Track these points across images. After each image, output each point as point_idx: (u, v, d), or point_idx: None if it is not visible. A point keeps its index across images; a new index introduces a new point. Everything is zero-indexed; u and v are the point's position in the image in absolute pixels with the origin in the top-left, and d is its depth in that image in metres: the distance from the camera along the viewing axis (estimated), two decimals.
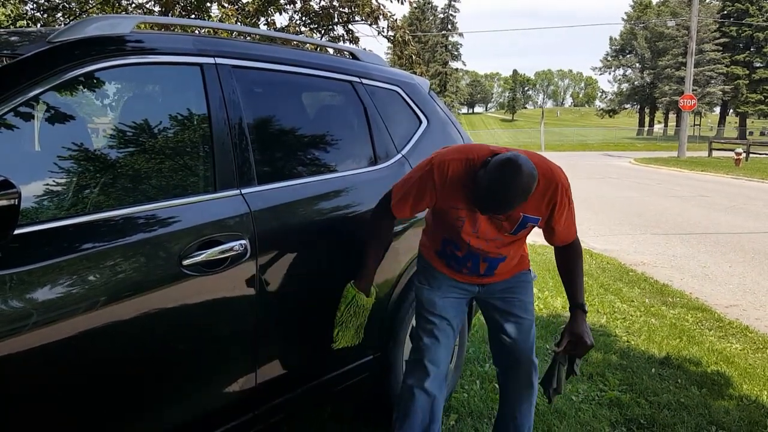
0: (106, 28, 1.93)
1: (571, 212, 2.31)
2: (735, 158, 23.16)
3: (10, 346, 1.51)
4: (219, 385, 2.07)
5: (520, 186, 1.99)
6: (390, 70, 3.14)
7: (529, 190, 2.02)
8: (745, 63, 54.73)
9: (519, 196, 2.00)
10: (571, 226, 2.35)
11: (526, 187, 2.00)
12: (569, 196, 2.27)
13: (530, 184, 2.01)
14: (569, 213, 2.29)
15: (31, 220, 1.67)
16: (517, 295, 2.48)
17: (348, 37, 7.63)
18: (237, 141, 2.16)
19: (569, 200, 2.27)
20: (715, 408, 3.29)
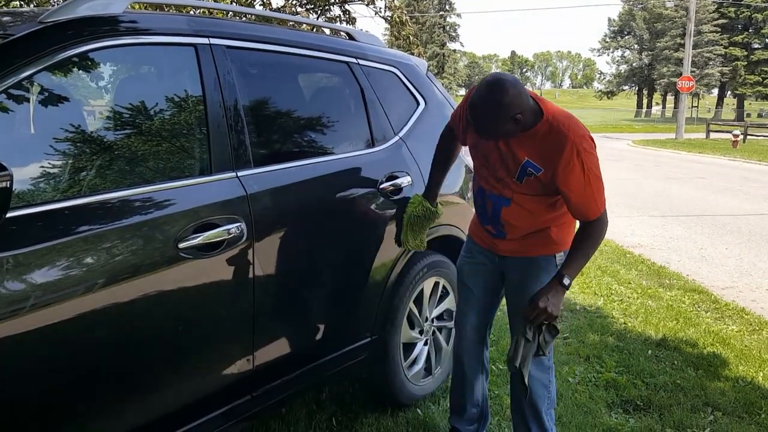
0: (98, 8, 1.90)
1: (588, 182, 2.12)
2: (732, 140, 23.14)
3: (6, 328, 1.51)
4: (216, 367, 2.07)
5: (484, 102, 2.03)
6: (387, 50, 3.11)
7: (500, 102, 2.01)
8: (743, 44, 54.45)
9: (491, 106, 2.02)
10: (590, 200, 2.16)
11: (489, 105, 2.03)
12: (586, 162, 2.10)
13: (493, 103, 2.02)
14: (586, 182, 2.12)
15: (27, 202, 1.65)
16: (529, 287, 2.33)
17: (345, 17, 7.56)
18: (232, 123, 2.14)
19: (585, 166, 2.11)
20: (711, 389, 3.31)
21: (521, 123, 2.09)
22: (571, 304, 4.75)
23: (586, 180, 2.13)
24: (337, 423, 2.87)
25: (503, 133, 2.11)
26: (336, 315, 2.56)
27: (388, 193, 2.66)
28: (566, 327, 4.21)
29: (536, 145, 2.15)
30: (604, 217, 2.23)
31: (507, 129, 2.09)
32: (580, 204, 2.19)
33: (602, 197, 2.19)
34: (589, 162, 2.12)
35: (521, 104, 2.06)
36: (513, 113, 2.04)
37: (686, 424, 2.95)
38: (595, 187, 2.15)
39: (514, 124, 2.08)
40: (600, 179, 2.17)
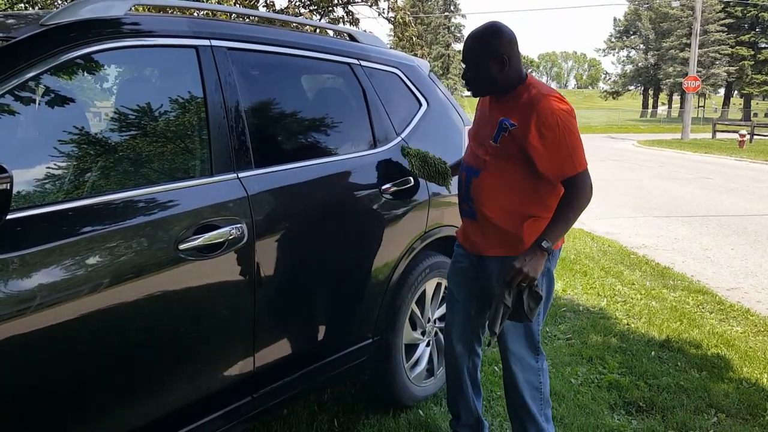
0: (100, 10, 1.91)
1: (563, 135, 2.13)
2: (739, 140, 23.04)
3: (11, 328, 1.52)
4: (217, 368, 2.07)
5: (479, 33, 2.23)
6: (389, 52, 3.11)
7: (492, 36, 2.20)
8: (750, 43, 54.22)
9: (484, 37, 2.21)
10: (567, 154, 2.15)
11: (483, 35, 2.21)
12: (561, 118, 2.13)
13: (486, 34, 2.21)
14: (561, 135, 2.13)
15: (31, 203, 1.66)
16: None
17: (348, 18, 7.56)
18: (233, 124, 2.14)
19: (560, 121, 2.13)
20: (715, 391, 3.29)
21: (504, 70, 2.20)
22: (574, 304, 4.74)
23: (561, 134, 2.14)
24: (338, 424, 2.87)
25: (484, 68, 2.21)
26: (338, 316, 2.56)
27: (389, 194, 2.66)
28: (569, 328, 4.21)
29: (515, 106, 2.21)
30: (587, 180, 2.20)
31: (490, 67, 2.20)
32: (555, 158, 2.15)
33: (580, 153, 2.18)
34: (564, 119, 2.14)
35: (511, 52, 2.20)
36: (500, 53, 2.18)
37: (689, 425, 2.94)
38: (571, 142, 2.15)
39: (498, 67, 2.19)
40: (577, 137, 2.17)
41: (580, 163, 2.18)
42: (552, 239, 2.17)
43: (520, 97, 2.22)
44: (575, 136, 2.17)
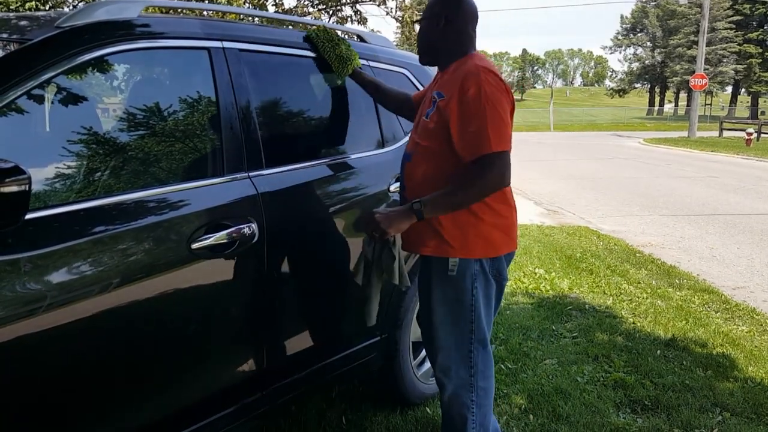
0: (114, 12, 1.93)
1: (483, 108, 1.97)
2: (746, 138, 22.97)
3: (24, 327, 1.54)
4: (228, 365, 2.11)
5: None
6: (397, 52, 3.13)
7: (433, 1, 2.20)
8: (758, 41, 53.97)
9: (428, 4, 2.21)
10: (482, 130, 1.96)
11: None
12: (485, 88, 1.98)
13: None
14: (480, 107, 1.97)
15: (44, 203, 1.69)
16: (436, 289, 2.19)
17: (356, 17, 7.59)
18: (245, 125, 2.17)
19: (483, 91, 1.98)
20: (720, 390, 3.31)
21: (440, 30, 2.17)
22: (580, 303, 4.75)
23: (481, 105, 1.97)
24: (347, 422, 2.90)
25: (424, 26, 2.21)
26: (346, 313, 2.59)
27: (398, 194, 2.68)
28: (575, 326, 4.23)
29: (450, 79, 2.12)
30: (497, 163, 1.97)
31: (429, 25, 2.19)
32: (468, 131, 1.99)
33: (500, 133, 1.97)
34: (490, 92, 1.98)
35: (454, 17, 2.16)
36: (441, 13, 2.16)
37: (694, 424, 2.95)
38: (491, 116, 1.96)
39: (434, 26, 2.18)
40: (500, 115, 1.99)
41: (497, 142, 1.96)
42: (426, 203, 2.02)
43: (456, 70, 2.10)
44: (498, 113, 1.98)
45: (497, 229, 2.13)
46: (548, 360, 3.65)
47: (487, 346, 2.22)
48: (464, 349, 2.19)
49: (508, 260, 2.24)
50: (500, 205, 2.12)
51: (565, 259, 6.04)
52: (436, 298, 2.19)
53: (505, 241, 2.17)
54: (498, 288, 2.22)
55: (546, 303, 4.74)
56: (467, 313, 2.16)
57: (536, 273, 5.60)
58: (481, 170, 1.98)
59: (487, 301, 2.18)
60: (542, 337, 4.04)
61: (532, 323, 4.28)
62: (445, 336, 2.20)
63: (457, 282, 2.13)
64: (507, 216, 2.17)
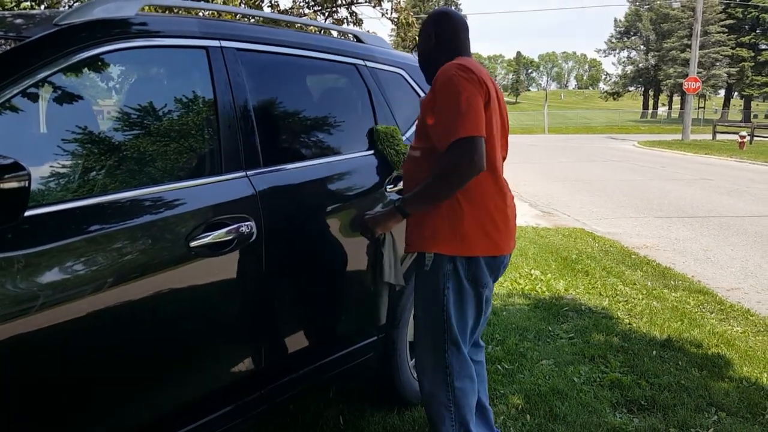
0: (111, 11, 1.93)
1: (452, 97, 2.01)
2: (739, 141, 23.07)
3: (20, 326, 1.53)
4: (226, 364, 2.10)
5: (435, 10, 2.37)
6: (394, 52, 3.14)
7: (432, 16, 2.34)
8: (750, 45, 54.32)
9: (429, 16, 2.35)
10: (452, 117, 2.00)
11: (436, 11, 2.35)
12: (451, 81, 2.03)
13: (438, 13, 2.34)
14: (450, 96, 2.02)
15: (41, 202, 1.69)
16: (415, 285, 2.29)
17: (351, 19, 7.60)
18: (243, 124, 2.17)
19: (449, 84, 2.03)
20: (715, 390, 3.32)
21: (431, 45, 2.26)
22: (576, 304, 4.76)
23: (449, 95, 2.02)
24: (344, 421, 2.89)
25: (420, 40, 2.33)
26: (344, 313, 2.59)
27: (395, 193, 2.69)
28: (572, 327, 4.23)
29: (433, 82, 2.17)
30: (465, 148, 1.97)
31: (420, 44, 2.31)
32: (440, 121, 2.04)
33: (467, 118, 1.98)
34: (457, 81, 2.02)
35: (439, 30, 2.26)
36: (428, 31, 2.28)
37: (690, 424, 2.96)
38: (458, 104, 1.99)
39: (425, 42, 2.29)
40: (467, 101, 2.00)
41: (464, 127, 1.97)
42: (408, 201, 2.14)
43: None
44: (465, 100, 1.99)
45: (476, 229, 2.11)
46: (545, 360, 3.65)
47: (460, 347, 2.22)
48: (438, 349, 2.21)
49: (492, 268, 2.19)
50: (485, 206, 2.12)
51: (561, 261, 6.05)
52: (416, 295, 2.28)
53: (483, 243, 2.13)
54: (475, 295, 2.19)
55: (542, 304, 4.74)
56: (439, 313, 2.18)
57: (532, 274, 5.61)
58: (451, 156, 2.00)
59: (460, 304, 2.18)
60: (539, 337, 4.05)
61: (529, 324, 4.28)
62: (421, 335, 2.27)
63: (430, 279, 2.18)
64: (492, 217, 2.14)
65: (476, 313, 2.24)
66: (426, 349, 2.26)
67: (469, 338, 2.29)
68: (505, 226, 2.18)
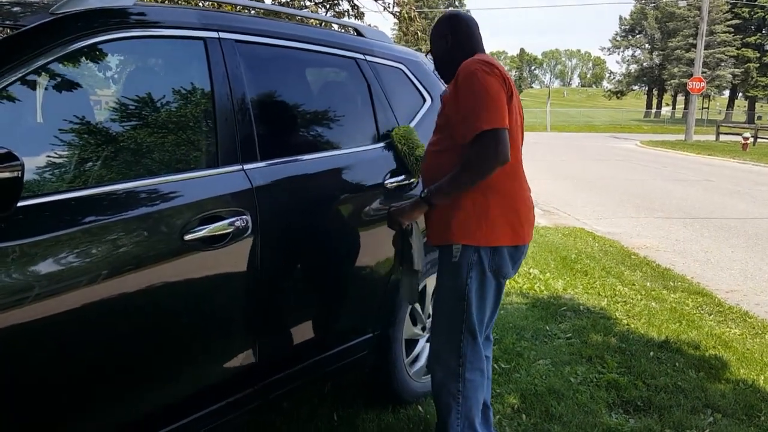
0: (109, 0, 1.91)
1: (473, 90, 2.08)
2: (742, 143, 23.00)
3: (13, 317, 1.52)
4: (220, 359, 2.09)
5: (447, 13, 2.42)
6: (394, 47, 3.12)
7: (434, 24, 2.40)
8: (756, 46, 54.08)
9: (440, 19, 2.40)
10: (473, 110, 2.07)
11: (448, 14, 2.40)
12: (474, 76, 2.09)
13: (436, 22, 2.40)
14: (471, 90, 2.09)
15: (35, 192, 1.67)
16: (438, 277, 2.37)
17: (353, 12, 7.56)
18: (240, 116, 2.15)
19: (471, 79, 2.09)
20: (712, 391, 3.31)
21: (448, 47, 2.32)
22: (575, 304, 4.75)
23: (471, 89, 2.09)
24: (338, 418, 2.88)
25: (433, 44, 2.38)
26: (339, 310, 2.58)
27: (392, 188, 2.67)
28: (569, 327, 4.22)
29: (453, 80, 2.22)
30: (491, 140, 2.04)
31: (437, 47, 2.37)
32: (462, 114, 2.11)
33: (491, 110, 2.05)
34: (479, 75, 2.09)
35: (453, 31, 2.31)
36: (442, 32, 2.33)
37: (686, 425, 2.95)
38: (481, 97, 2.06)
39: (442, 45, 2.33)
40: (489, 94, 2.06)
41: (487, 119, 2.04)
42: (432, 192, 2.19)
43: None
44: (488, 93, 2.06)
45: (501, 220, 2.19)
46: (542, 360, 3.64)
47: (476, 337, 2.28)
48: (454, 337, 2.26)
49: (514, 258, 2.27)
50: (509, 197, 2.20)
51: (560, 260, 6.03)
52: (438, 285, 2.35)
53: (507, 233, 2.20)
54: (496, 285, 2.28)
55: (540, 303, 4.73)
56: (459, 302, 2.23)
57: (531, 273, 5.59)
58: (476, 148, 2.06)
59: (481, 293, 2.24)
60: (536, 337, 4.03)
61: (526, 323, 4.27)
62: (439, 322, 2.32)
63: (453, 270, 2.22)
64: (515, 208, 2.22)
65: (494, 303, 2.33)
66: (442, 336, 2.31)
67: (485, 329, 2.36)
68: (526, 217, 2.27)
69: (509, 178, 2.21)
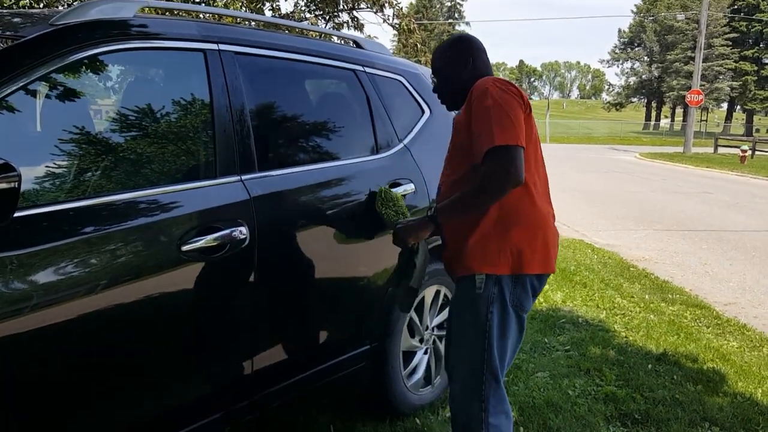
0: (109, 12, 1.92)
1: (487, 109, 1.94)
2: (741, 155, 23.05)
3: (10, 327, 1.52)
4: (215, 370, 2.08)
5: (442, 45, 2.27)
6: (394, 59, 3.13)
7: (444, 46, 2.25)
8: (753, 59, 54.32)
9: (438, 51, 2.25)
10: (486, 127, 1.92)
11: (444, 44, 2.26)
12: (487, 93, 1.96)
13: (447, 42, 2.26)
14: (486, 108, 1.94)
15: (33, 202, 1.67)
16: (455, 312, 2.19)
17: (353, 24, 7.60)
18: (238, 128, 2.16)
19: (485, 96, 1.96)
20: (710, 404, 3.30)
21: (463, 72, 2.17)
22: (573, 316, 4.74)
23: (484, 106, 1.94)
24: (335, 430, 2.87)
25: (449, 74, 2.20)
26: (336, 321, 2.57)
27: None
28: (568, 339, 4.21)
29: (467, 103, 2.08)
30: (503, 158, 1.88)
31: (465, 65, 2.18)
32: (476, 134, 1.96)
33: (503, 127, 1.90)
34: (493, 92, 1.95)
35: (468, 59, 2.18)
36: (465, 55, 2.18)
37: None
38: (495, 114, 1.92)
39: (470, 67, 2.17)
40: (504, 111, 1.93)
41: (500, 135, 1.88)
42: (440, 211, 2.05)
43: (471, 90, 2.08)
44: (503, 110, 1.92)
45: (526, 245, 2.02)
46: (540, 373, 3.63)
47: (499, 380, 2.09)
48: (475, 380, 2.08)
49: (536, 289, 2.11)
50: (533, 220, 2.03)
51: (559, 272, 6.03)
52: (453, 320, 2.17)
53: (532, 260, 2.03)
54: (518, 321, 2.10)
55: (539, 315, 4.72)
56: (480, 342, 2.06)
57: None
58: (486, 167, 1.90)
59: (503, 332, 2.07)
60: (534, 349, 4.03)
61: (525, 336, 4.24)
62: (457, 363, 2.15)
63: (473, 303, 2.05)
64: (541, 232, 2.05)
65: (516, 342, 2.15)
66: (460, 380, 2.13)
67: (506, 369, 2.17)
68: (553, 242, 2.10)
69: (532, 199, 2.04)
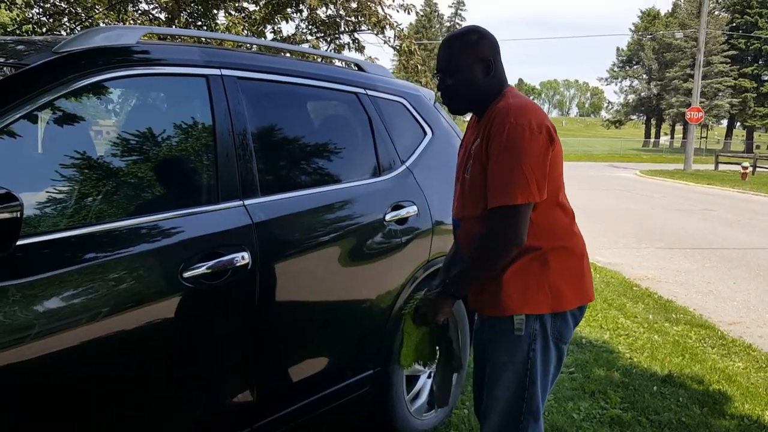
0: (112, 39, 1.93)
1: (499, 155, 1.77)
2: (741, 172, 23.07)
3: (12, 356, 1.51)
4: (216, 398, 2.06)
5: (460, 34, 1.94)
6: (395, 81, 3.14)
7: (458, 37, 1.93)
8: (753, 76, 54.67)
9: (456, 41, 1.93)
10: (500, 177, 1.77)
11: (465, 36, 1.92)
12: (506, 131, 1.76)
13: (461, 33, 1.94)
14: (497, 154, 1.77)
15: (34, 230, 1.67)
16: (491, 352, 1.99)
17: (354, 45, 7.66)
18: (241, 152, 2.15)
19: (503, 134, 1.76)
20: (716, 427, 3.26)
21: (489, 76, 1.90)
22: (577, 337, 4.71)
23: (502, 146, 1.76)
24: None
25: (465, 72, 1.89)
26: (339, 346, 2.55)
27: (393, 223, 2.67)
28: (572, 361, 4.17)
29: (483, 122, 1.89)
30: (507, 219, 1.77)
31: (473, 71, 1.89)
32: (490, 179, 1.80)
33: (517, 183, 1.75)
34: (512, 131, 1.76)
35: (495, 58, 1.91)
36: (483, 54, 1.89)
37: None
38: (507, 165, 1.76)
39: (483, 72, 1.89)
40: (529, 161, 1.75)
41: (509, 193, 1.75)
42: (453, 281, 1.93)
43: (490, 111, 1.88)
44: (527, 158, 1.75)
45: (565, 279, 1.90)
46: None
47: (539, 419, 1.97)
48: (513, 420, 1.94)
49: (577, 319, 1.99)
50: (570, 252, 1.93)
51: None
52: (489, 359, 2.00)
53: (573, 293, 1.92)
54: (557, 354, 1.96)
55: None
56: (522, 380, 1.92)
57: None
58: (490, 227, 1.81)
59: (545, 368, 1.94)
60: None
61: None
62: (492, 403, 1.98)
63: (513, 343, 1.91)
64: (578, 263, 1.95)
65: (555, 375, 2.01)
66: (497, 421, 1.97)
67: (544, 405, 2.03)
68: (588, 271, 2.00)
69: (567, 230, 1.95)
